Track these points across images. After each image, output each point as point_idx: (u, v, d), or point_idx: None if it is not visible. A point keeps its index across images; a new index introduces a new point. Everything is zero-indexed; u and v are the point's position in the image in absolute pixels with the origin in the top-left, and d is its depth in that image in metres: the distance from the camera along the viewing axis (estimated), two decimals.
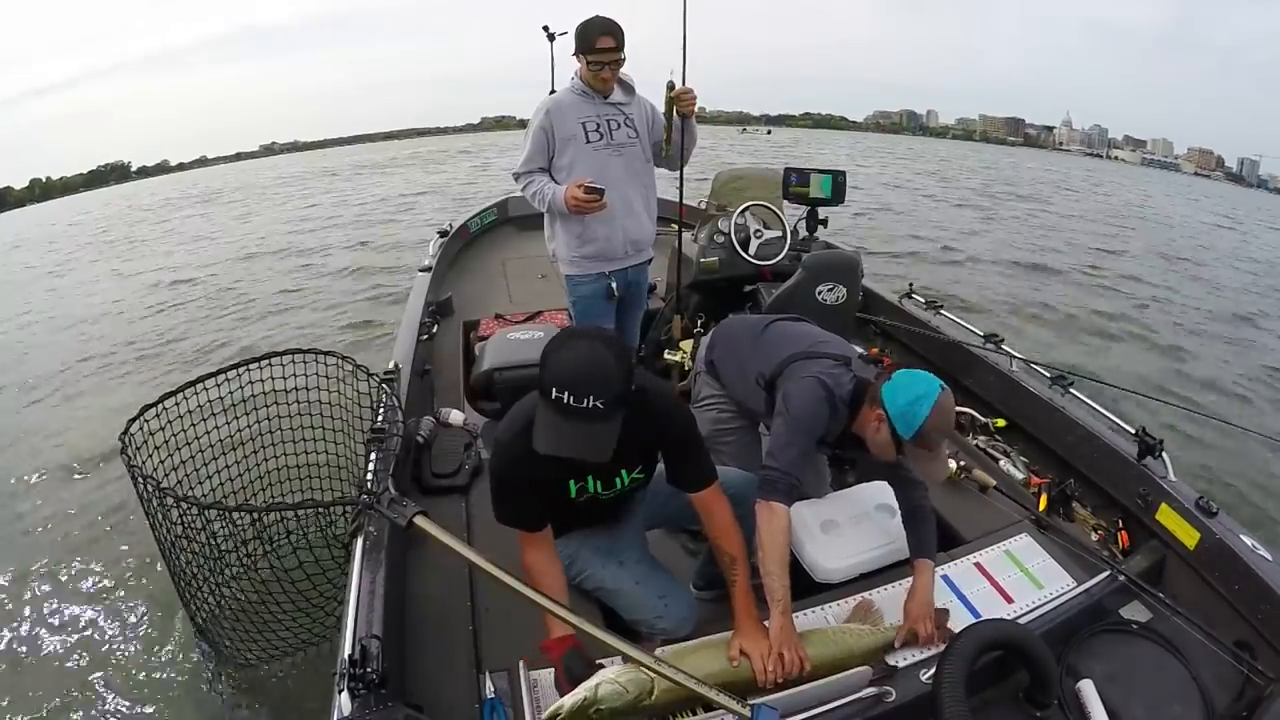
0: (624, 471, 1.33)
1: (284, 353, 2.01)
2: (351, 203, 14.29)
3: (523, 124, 2.24)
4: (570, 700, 1.08)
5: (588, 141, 2.08)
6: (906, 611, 1.37)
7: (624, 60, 2.04)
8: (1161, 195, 23.55)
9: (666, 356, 2.65)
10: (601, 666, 1.18)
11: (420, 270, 3.35)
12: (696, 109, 2.16)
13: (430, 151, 32.44)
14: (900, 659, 1.32)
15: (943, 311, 2.70)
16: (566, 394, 1.04)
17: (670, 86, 2.12)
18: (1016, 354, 2.32)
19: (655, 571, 1.45)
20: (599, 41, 1.98)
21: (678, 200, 2.59)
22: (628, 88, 2.17)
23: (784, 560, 1.30)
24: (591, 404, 1.03)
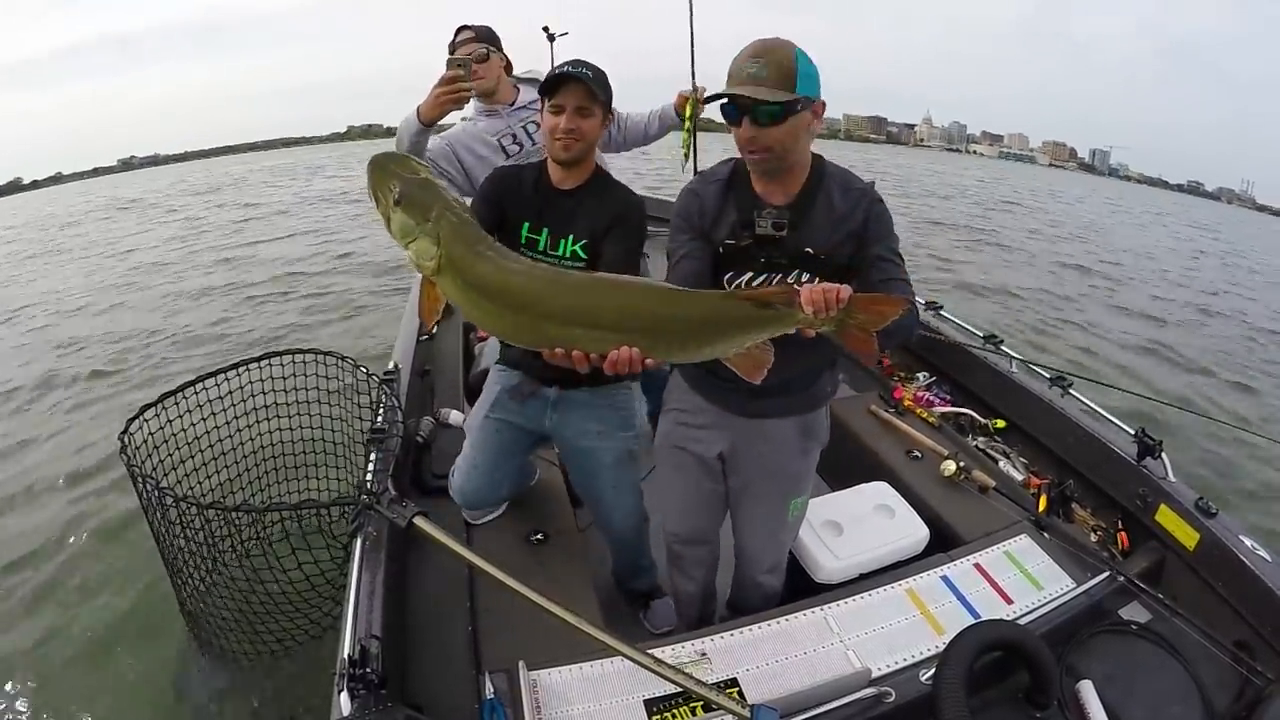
0: (571, 237, 1.37)
1: (284, 352, 2.02)
2: None
3: (391, 132, 1.90)
4: None
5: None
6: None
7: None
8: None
9: None
10: None
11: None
12: None
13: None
14: (900, 659, 1.32)
15: (942, 312, 2.70)
16: (567, 67, 1.29)
17: (700, 91, 2.06)
18: (1015, 355, 2.32)
19: (488, 451, 1.59)
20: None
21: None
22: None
23: None
24: (583, 69, 1.28)
